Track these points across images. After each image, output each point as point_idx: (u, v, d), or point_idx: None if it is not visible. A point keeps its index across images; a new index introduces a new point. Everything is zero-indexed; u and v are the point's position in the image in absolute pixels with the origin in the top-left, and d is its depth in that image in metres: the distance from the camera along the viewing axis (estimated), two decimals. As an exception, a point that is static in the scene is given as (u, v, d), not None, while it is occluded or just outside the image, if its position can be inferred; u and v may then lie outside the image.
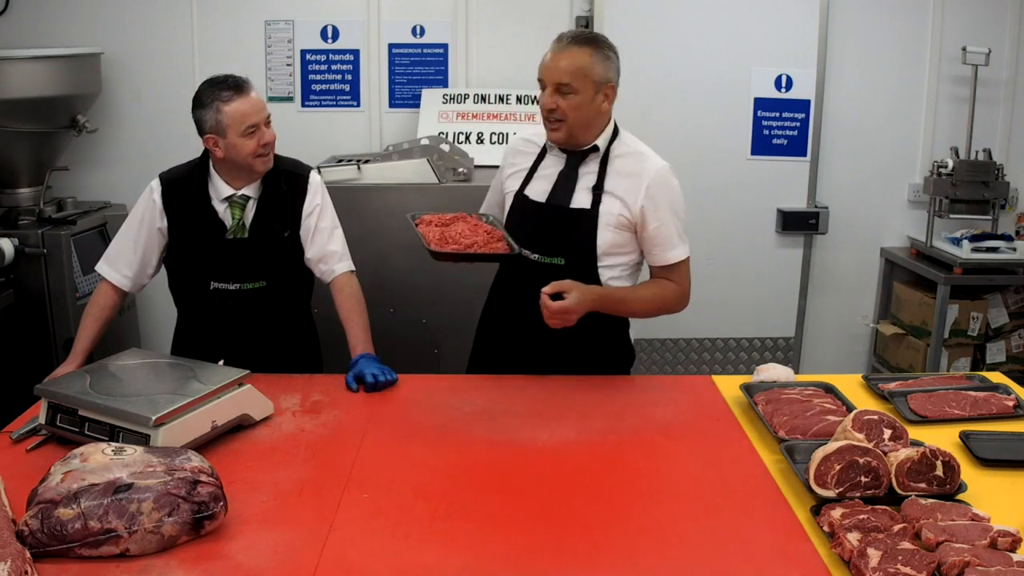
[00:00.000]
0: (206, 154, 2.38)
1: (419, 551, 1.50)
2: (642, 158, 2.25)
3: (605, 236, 2.22)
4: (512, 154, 2.40)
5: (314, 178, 2.47)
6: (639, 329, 2.51)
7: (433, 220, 2.22)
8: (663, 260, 2.26)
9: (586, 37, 2.21)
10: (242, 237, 2.37)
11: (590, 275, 2.23)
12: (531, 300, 2.15)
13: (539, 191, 2.29)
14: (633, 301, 2.28)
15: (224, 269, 2.38)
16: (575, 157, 2.27)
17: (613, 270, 2.27)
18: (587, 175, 2.25)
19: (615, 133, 2.28)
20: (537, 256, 2.26)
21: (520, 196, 2.31)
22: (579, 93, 2.15)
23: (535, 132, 2.38)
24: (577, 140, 2.23)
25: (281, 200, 2.40)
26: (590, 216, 2.22)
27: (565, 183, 2.26)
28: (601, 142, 2.24)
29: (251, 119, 2.27)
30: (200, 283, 2.40)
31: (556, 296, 2.10)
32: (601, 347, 2.36)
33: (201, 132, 2.31)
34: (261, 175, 2.37)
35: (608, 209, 2.21)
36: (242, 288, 2.39)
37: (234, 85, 2.28)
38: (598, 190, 2.22)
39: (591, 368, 2.32)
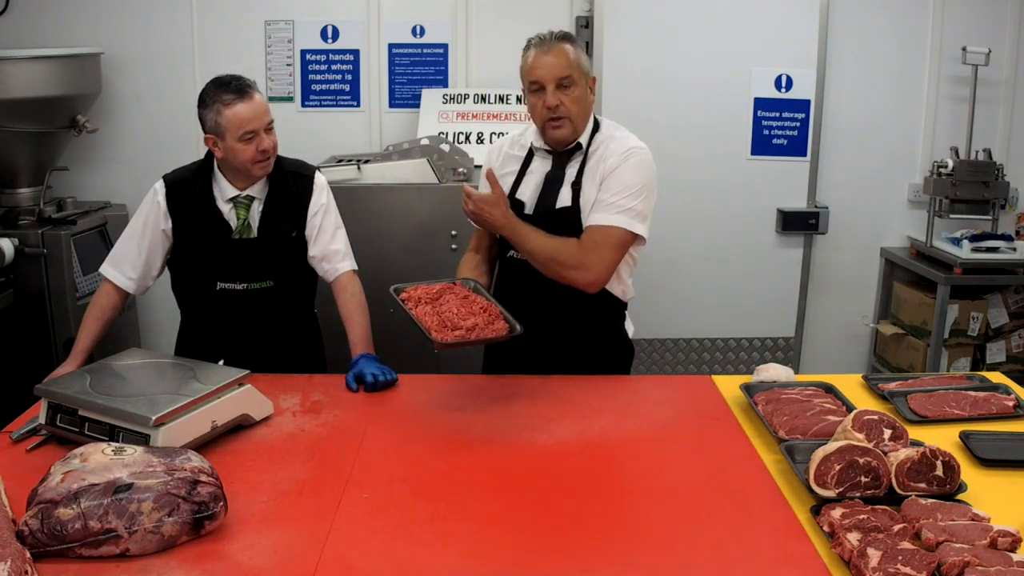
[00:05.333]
0: (210, 154, 2.38)
1: (419, 551, 1.50)
2: (612, 141, 2.30)
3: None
4: (505, 160, 2.41)
5: (319, 178, 2.47)
6: (639, 329, 2.50)
7: (421, 296, 2.12)
8: (589, 221, 2.25)
9: (564, 34, 2.27)
10: (249, 237, 2.37)
11: None
12: (532, 300, 2.27)
13: (527, 193, 2.34)
14: (531, 234, 2.21)
15: (231, 269, 2.38)
16: (561, 157, 2.32)
17: None
18: (572, 173, 2.31)
19: (595, 127, 2.33)
20: None
21: (512, 200, 2.32)
22: (577, 85, 2.22)
23: (518, 136, 2.43)
24: (578, 134, 2.28)
25: (288, 200, 2.40)
26: (573, 212, 2.27)
27: (552, 184, 2.31)
28: (584, 139, 2.30)
29: (249, 125, 2.24)
30: (206, 284, 2.39)
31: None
32: (600, 343, 2.40)
33: (204, 131, 2.30)
34: (260, 179, 2.37)
35: (587, 199, 2.27)
36: (249, 288, 2.39)
37: (237, 88, 2.24)
38: (576, 186, 2.28)
39: (594, 364, 2.36)
